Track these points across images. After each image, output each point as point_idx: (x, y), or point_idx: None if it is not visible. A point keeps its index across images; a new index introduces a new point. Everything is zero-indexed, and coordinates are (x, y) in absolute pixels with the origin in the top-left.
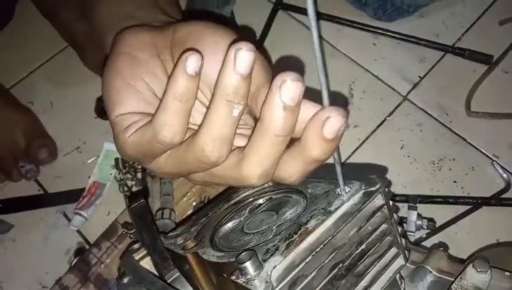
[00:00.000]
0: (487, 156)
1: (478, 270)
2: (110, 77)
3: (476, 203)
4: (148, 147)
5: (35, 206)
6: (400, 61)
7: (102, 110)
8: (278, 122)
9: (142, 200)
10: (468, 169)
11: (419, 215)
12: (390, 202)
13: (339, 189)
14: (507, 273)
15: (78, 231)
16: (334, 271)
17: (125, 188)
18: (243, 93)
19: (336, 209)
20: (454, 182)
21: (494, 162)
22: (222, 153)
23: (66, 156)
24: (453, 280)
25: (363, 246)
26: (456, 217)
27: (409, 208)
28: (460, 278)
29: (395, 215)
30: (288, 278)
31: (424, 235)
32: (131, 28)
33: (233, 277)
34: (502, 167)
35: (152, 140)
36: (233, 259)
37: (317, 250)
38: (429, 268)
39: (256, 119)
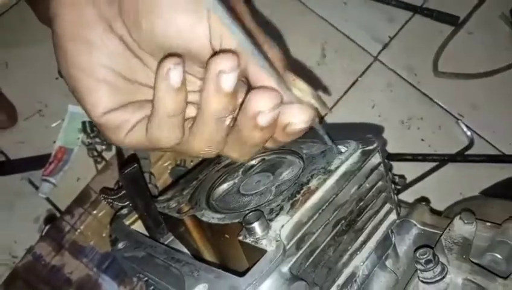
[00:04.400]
0: (452, 115)
1: (465, 222)
2: (72, 73)
3: (443, 160)
4: (147, 147)
5: None
6: (371, 21)
7: None
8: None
9: (135, 165)
10: (435, 127)
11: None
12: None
13: (335, 148)
14: (488, 224)
15: (47, 198)
16: (337, 228)
17: (95, 153)
18: (232, 107)
19: (336, 168)
20: (422, 140)
21: (459, 121)
22: (211, 149)
23: (27, 120)
24: (436, 232)
25: (362, 203)
26: (424, 173)
27: None
28: (449, 229)
29: (389, 173)
30: (297, 237)
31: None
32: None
33: (240, 237)
34: (466, 126)
35: (151, 146)
36: (236, 220)
37: (323, 208)
38: (413, 222)
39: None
